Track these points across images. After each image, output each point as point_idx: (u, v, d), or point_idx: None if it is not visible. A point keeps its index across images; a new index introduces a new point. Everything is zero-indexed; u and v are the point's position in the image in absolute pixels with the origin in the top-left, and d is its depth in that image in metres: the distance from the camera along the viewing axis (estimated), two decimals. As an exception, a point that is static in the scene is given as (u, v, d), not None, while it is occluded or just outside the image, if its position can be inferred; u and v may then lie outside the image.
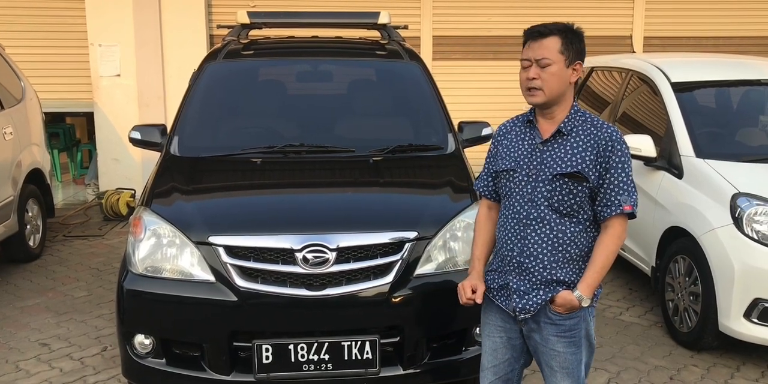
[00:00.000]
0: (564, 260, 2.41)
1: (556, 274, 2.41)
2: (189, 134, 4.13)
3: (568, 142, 2.38)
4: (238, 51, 4.78)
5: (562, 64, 2.34)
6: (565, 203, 2.38)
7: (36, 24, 7.93)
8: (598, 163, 2.35)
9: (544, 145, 2.41)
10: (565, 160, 2.37)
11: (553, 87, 2.35)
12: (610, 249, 2.39)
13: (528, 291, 2.44)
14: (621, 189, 2.37)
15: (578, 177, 2.35)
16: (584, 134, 2.38)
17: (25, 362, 4.09)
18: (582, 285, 2.38)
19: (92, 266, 5.82)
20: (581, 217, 2.40)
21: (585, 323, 2.48)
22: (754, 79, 5.19)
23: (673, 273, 4.44)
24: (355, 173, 3.92)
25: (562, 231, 2.39)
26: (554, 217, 2.39)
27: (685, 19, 8.59)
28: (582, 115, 2.42)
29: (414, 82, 4.55)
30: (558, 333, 2.45)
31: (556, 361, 2.48)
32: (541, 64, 2.33)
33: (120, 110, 7.95)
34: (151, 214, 3.33)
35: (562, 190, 2.37)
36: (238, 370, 3.11)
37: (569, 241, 2.40)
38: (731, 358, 4.17)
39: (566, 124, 2.39)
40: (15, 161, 5.68)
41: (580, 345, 2.48)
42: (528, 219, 2.41)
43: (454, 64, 8.29)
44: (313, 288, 3.08)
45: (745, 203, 3.98)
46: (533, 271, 2.42)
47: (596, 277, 2.39)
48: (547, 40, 2.34)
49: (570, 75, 2.37)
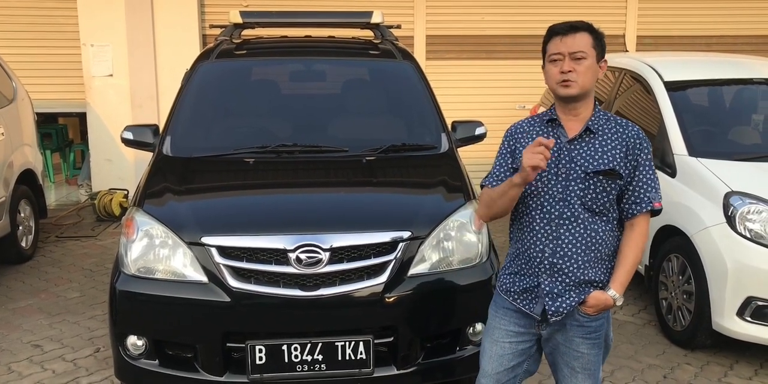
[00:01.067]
0: (596, 260, 2.40)
1: (589, 274, 2.39)
2: (181, 134, 4.12)
3: (597, 141, 2.38)
4: (230, 51, 4.77)
5: (594, 59, 2.37)
6: (599, 201, 2.37)
7: (28, 24, 7.89)
8: (628, 161, 2.37)
9: (571, 143, 2.39)
10: (597, 158, 2.36)
11: (587, 80, 2.36)
12: (639, 247, 2.40)
13: (561, 293, 2.39)
14: (649, 186, 2.40)
15: (612, 174, 2.35)
16: (611, 133, 2.39)
17: (18, 364, 4.07)
18: (615, 284, 2.39)
19: (85, 267, 5.80)
20: (611, 215, 2.41)
21: (608, 324, 2.50)
22: (746, 77, 5.21)
23: (666, 271, 4.45)
24: (349, 173, 3.91)
25: (595, 230, 2.38)
26: (587, 215, 2.37)
27: (678, 19, 8.61)
28: (605, 114, 2.45)
29: (407, 82, 4.54)
30: (584, 335, 2.43)
31: (579, 362, 2.46)
32: (576, 56, 2.34)
33: (112, 110, 7.92)
34: (144, 215, 3.32)
35: (596, 188, 2.36)
36: (231, 370, 3.10)
37: (601, 240, 2.39)
38: (725, 357, 4.18)
39: (594, 122, 2.40)
40: (7, 162, 5.65)
41: (602, 346, 2.49)
42: (561, 218, 2.37)
43: (448, 63, 8.29)
44: (307, 288, 3.07)
45: (738, 202, 3.99)
46: (567, 272, 2.38)
47: (628, 275, 2.40)
48: (580, 35, 2.37)
49: (598, 71, 2.40)
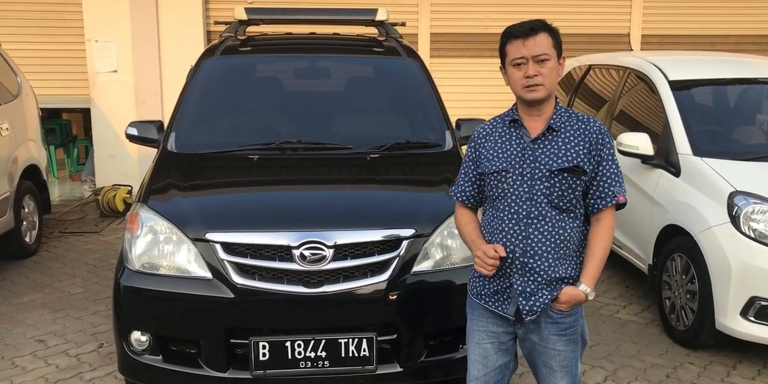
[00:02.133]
0: (565, 256, 2.41)
1: (559, 271, 2.40)
2: (186, 131, 4.12)
3: (560, 138, 2.39)
4: (235, 47, 4.77)
5: (556, 59, 2.37)
6: (565, 199, 2.37)
7: (33, 20, 7.91)
8: (591, 157, 2.38)
9: (535, 143, 2.40)
10: (561, 156, 2.36)
11: (553, 81, 2.37)
12: (606, 240, 2.42)
13: (534, 292, 2.39)
14: (613, 180, 2.40)
15: (577, 171, 2.36)
16: (573, 129, 2.40)
17: (21, 359, 4.08)
18: (586, 278, 2.39)
19: (88, 263, 5.81)
20: (577, 212, 2.42)
21: (582, 319, 2.50)
22: (751, 77, 5.20)
23: (670, 271, 4.44)
24: (353, 170, 3.91)
25: (562, 227, 2.39)
26: (554, 213, 2.38)
27: (683, 18, 8.60)
28: (566, 111, 2.45)
29: (411, 80, 4.54)
30: (559, 332, 2.43)
31: (556, 360, 2.46)
32: (540, 59, 2.34)
33: (117, 106, 7.93)
34: (148, 211, 3.33)
35: (561, 185, 2.36)
36: (234, 367, 3.11)
37: (569, 237, 2.40)
38: (728, 356, 4.17)
39: (555, 121, 2.40)
40: (11, 157, 5.66)
41: (577, 342, 2.49)
42: (529, 218, 2.37)
43: (452, 61, 8.28)
44: (311, 285, 3.07)
45: (742, 202, 3.98)
46: (538, 270, 2.38)
47: (598, 269, 2.40)
48: (540, 37, 2.35)
49: (560, 70, 2.41)
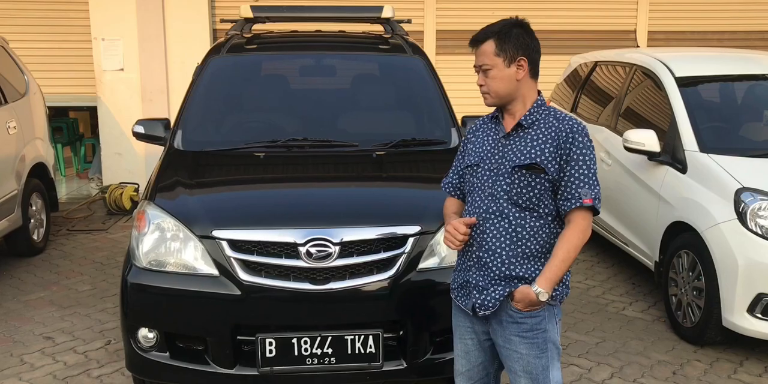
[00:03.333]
0: (523, 255, 2.36)
1: (515, 269, 2.36)
2: (192, 128, 4.14)
3: (529, 135, 2.37)
4: (241, 45, 4.77)
5: (501, 65, 2.36)
6: (524, 196, 2.35)
7: (40, 18, 7.94)
8: (558, 155, 2.32)
9: (506, 138, 2.41)
10: (524, 153, 2.35)
11: (498, 89, 2.38)
12: (571, 243, 2.31)
13: (486, 286, 2.39)
14: (582, 181, 2.31)
15: (535, 168, 2.33)
16: (545, 127, 2.37)
17: (30, 355, 4.11)
18: (540, 278, 2.31)
19: (96, 260, 5.83)
20: (542, 211, 2.36)
21: (551, 325, 2.40)
22: (758, 73, 5.17)
23: (676, 268, 4.44)
24: (359, 167, 3.92)
25: (521, 225, 2.35)
26: (513, 210, 2.36)
27: (690, 14, 8.57)
28: (546, 109, 2.41)
29: (417, 77, 4.54)
30: (520, 332, 2.38)
31: (519, 364, 2.40)
32: (483, 69, 2.39)
33: (123, 104, 7.96)
34: (155, 208, 3.34)
35: (520, 182, 2.34)
36: (241, 363, 3.12)
37: (528, 236, 2.36)
38: (734, 353, 4.17)
39: (526, 118, 2.39)
40: (19, 155, 5.69)
41: (545, 349, 2.39)
42: (487, 213, 2.38)
43: (458, 58, 8.26)
44: (317, 282, 3.08)
45: (749, 198, 3.97)
46: (491, 265, 2.38)
47: (555, 270, 2.31)
48: (484, 46, 2.39)
49: (515, 73, 2.36)
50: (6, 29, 7.34)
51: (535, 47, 2.40)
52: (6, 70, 5.96)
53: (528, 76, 2.39)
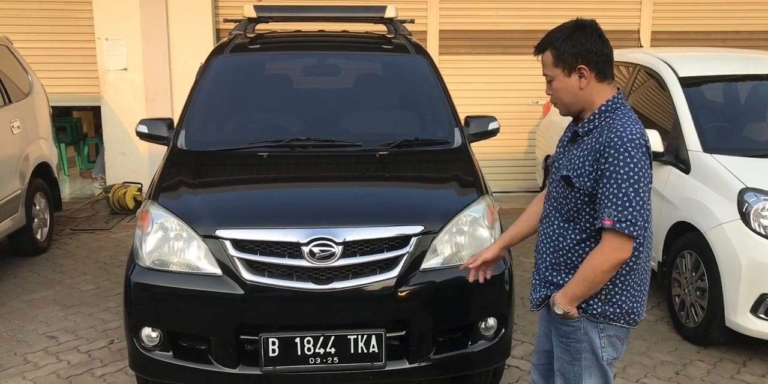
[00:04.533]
0: (565, 266, 2.34)
1: (554, 276, 2.37)
2: (196, 128, 4.14)
3: (582, 145, 2.29)
4: (244, 45, 4.78)
5: (561, 75, 2.28)
6: (565, 207, 2.32)
7: (43, 18, 7.94)
8: (594, 170, 2.21)
9: (570, 144, 2.39)
10: (569, 164, 2.31)
11: (564, 99, 2.32)
12: (590, 262, 2.21)
13: (536, 285, 2.46)
14: (609, 201, 2.16)
15: (568, 181, 2.27)
16: (595, 138, 2.24)
17: (33, 354, 4.12)
18: (559, 292, 2.30)
19: (99, 260, 5.84)
20: (583, 225, 2.29)
21: (587, 337, 2.34)
22: (762, 73, 5.17)
23: (679, 268, 4.43)
24: (362, 167, 3.92)
25: (563, 235, 2.33)
26: (560, 220, 2.35)
27: (693, 14, 8.55)
28: (608, 116, 2.26)
29: (420, 77, 4.54)
30: (558, 336, 2.43)
31: (557, 363, 2.46)
32: (547, 80, 2.34)
33: (127, 104, 7.96)
34: (159, 208, 3.34)
35: (562, 192, 2.32)
36: (244, 363, 3.12)
37: (569, 248, 2.32)
38: (738, 354, 4.16)
39: (583, 126, 2.31)
40: (22, 155, 5.70)
41: (579, 358, 2.37)
42: (544, 217, 2.45)
43: (461, 58, 8.27)
44: (320, 282, 3.09)
45: (753, 198, 3.97)
46: (540, 267, 2.44)
47: (572, 287, 2.26)
48: (544, 56, 2.31)
49: (577, 82, 2.26)
50: (10, 29, 7.35)
51: (598, 50, 2.24)
52: (10, 69, 5.98)
53: (594, 81, 2.26)
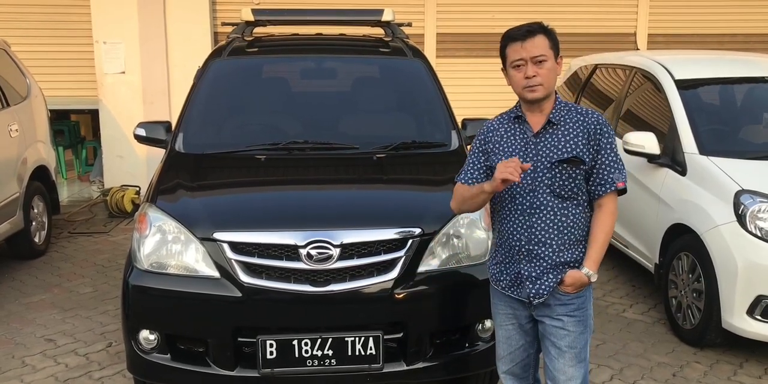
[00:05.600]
0: (569, 242, 2.54)
1: (564, 256, 2.54)
2: (194, 131, 4.15)
3: (560, 131, 2.53)
4: (242, 48, 4.79)
5: (553, 59, 2.51)
6: (566, 187, 2.51)
7: (41, 21, 7.96)
8: (590, 146, 2.51)
9: (537, 137, 2.54)
10: (560, 148, 2.51)
11: (551, 80, 2.52)
12: (608, 225, 2.54)
13: (539, 276, 2.55)
14: (612, 167, 2.52)
15: (576, 161, 2.49)
16: (572, 122, 2.53)
17: (31, 357, 4.12)
18: (588, 261, 2.52)
19: (97, 263, 5.85)
20: (580, 199, 2.54)
21: (589, 301, 2.62)
22: (758, 76, 5.19)
23: (676, 270, 4.44)
24: (359, 170, 3.93)
25: (565, 215, 2.53)
26: (556, 202, 2.52)
27: (690, 17, 8.59)
28: (566, 105, 2.58)
29: (418, 80, 4.55)
30: (569, 312, 2.56)
31: (565, 341, 2.57)
32: (538, 60, 2.48)
33: (125, 107, 7.98)
34: (156, 211, 3.35)
35: (562, 175, 2.50)
36: (242, 365, 3.13)
37: (572, 223, 2.54)
38: (734, 355, 4.17)
39: (555, 115, 2.54)
40: (20, 158, 5.71)
41: (587, 325, 2.61)
42: (532, 208, 2.53)
43: (458, 61, 8.29)
44: (317, 284, 3.09)
45: (749, 200, 3.98)
46: (543, 256, 2.54)
47: (600, 252, 2.53)
48: (537, 39, 2.49)
49: (557, 69, 2.54)
50: (8, 32, 7.37)
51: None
52: (8, 73, 5.98)
53: None
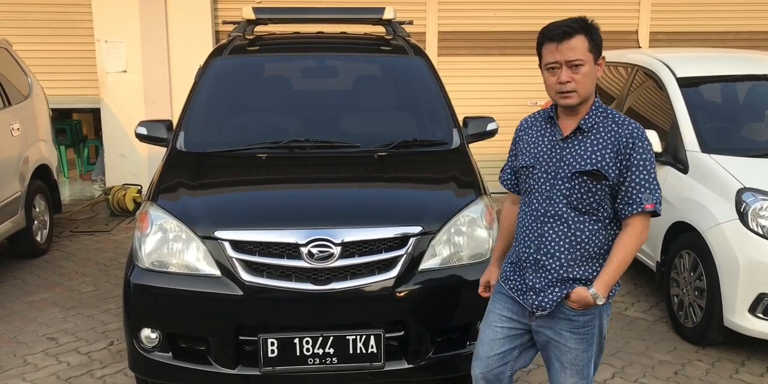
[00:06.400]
0: (582, 258, 2.37)
1: (573, 272, 2.37)
2: (195, 130, 4.15)
3: (589, 140, 2.32)
4: (243, 47, 4.79)
5: (592, 62, 2.30)
6: (584, 201, 2.33)
7: (43, 20, 7.96)
8: (618, 161, 2.28)
9: (564, 142, 2.36)
10: (585, 158, 2.31)
11: (587, 87, 2.31)
12: (628, 248, 2.31)
13: (543, 288, 2.40)
14: (643, 187, 2.29)
15: (597, 175, 2.29)
16: (605, 131, 2.32)
17: (33, 356, 4.12)
18: (598, 283, 2.33)
19: (99, 261, 5.85)
20: (600, 215, 2.35)
21: (599, 320, 2.44)
22: (760, 74, 5.17)
23: (678, 268, 4.44)
24: (360, 168, 3.92)
25: (580, 229, 2.35)
26: (573, 215, 2.34)
27: (692, 14, 8.57)
28: (604, 111, 2.36)
29: (419, 78, 4.55)
30: (572, 329, 2.41)
31: (567, 357, 2.45)
32: (573, 64, 2.27)
33: (126, 106, 7.98)
34: (158, 209, 3.35)
35: (581, 188, 2.32)
36: (243, 363, 3.13)
37: (587, 240, 2.35)
38: (736, 353, 4.17)
39: (587, 121, 2.34)
40: (22, 157, 5.71)
41: (592, 342, 2.45)
42: (545, 216, 2.38)
43: (460, 59, 8.28)
44: (318, 282, 3.09)
45: (751, 198, 3.98)
46: (550, 268, 2.39)
47: (613, 275, 2.32)
48: (575, 40, 2.27)
49: (597, 71, 2.33)
50: (9, 31, 7.37)
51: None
52: (9, 72, 5.99)
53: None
